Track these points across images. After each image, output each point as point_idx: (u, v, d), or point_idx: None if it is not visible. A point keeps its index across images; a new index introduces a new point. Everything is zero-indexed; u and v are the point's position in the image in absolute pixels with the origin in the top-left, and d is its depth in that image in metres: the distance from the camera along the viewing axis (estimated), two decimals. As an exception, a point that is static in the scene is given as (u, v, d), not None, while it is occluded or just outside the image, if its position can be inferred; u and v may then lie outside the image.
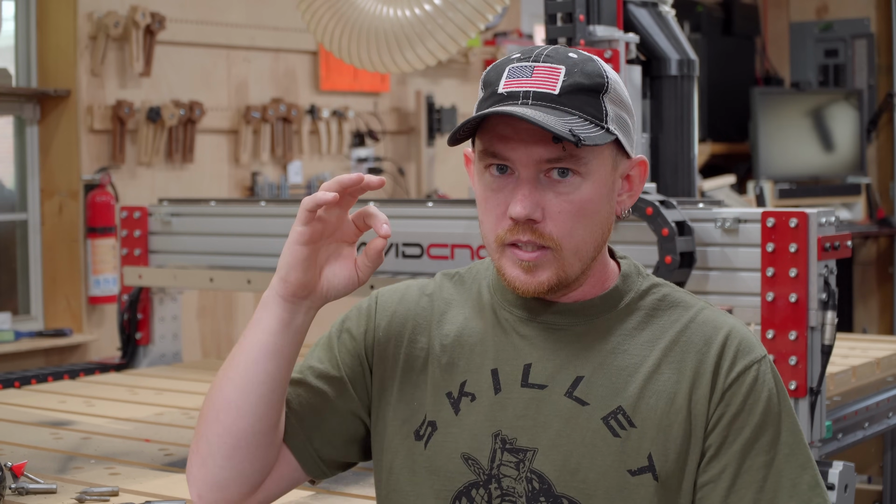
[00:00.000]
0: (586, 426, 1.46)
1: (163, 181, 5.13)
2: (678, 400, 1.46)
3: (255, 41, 5.51)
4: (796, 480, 1.45)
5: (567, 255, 1.47)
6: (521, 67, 1.47)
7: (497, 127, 1.46)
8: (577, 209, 1.46)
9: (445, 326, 1.58)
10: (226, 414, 1.50)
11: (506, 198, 1.47)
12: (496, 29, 6.53)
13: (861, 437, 2.80)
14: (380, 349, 1.60)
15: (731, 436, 1.45)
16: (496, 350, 1.54)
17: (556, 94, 1.44)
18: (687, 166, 3.03)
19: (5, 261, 4.92)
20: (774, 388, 1.48)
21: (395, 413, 1.56)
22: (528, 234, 1.46)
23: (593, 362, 1.50)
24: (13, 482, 2.10)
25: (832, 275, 2.52)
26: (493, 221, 1.49)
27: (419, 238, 3.06)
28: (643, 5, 3.03)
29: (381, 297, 1.64)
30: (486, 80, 1.51)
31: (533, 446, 1.47)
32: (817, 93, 7.29)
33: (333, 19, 3.36)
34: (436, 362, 1.56)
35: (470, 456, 1.50)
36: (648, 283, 1.56)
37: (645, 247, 2.65)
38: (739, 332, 1.51)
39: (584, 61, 1.48)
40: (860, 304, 7.19)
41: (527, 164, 1.45)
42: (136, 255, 3.65)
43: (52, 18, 4.80)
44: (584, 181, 1.46)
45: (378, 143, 6.11)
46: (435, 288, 1.64)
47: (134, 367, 3.67)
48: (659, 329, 1.51)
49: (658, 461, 1.45)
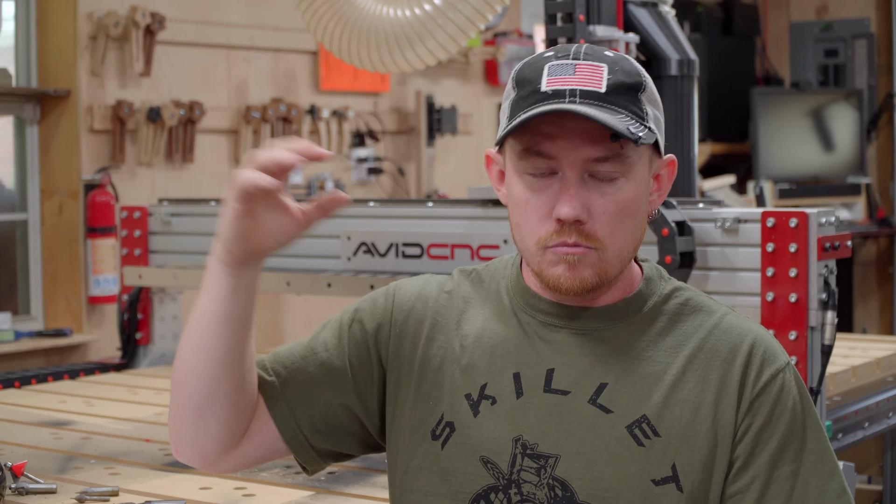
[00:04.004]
0: (610, 434, 1.45)
1: (163, 181, 5.13)
2: (703, 410, 1.45)
3: (255, 41, 5.51)
4: (823, 488, 1.45)
5: (610, 256, 1.45)
6: (561, 65, 1.44)
7: (542, 126, 1.43)
8: (620, 209, 1.44)
9: (465, 326, 1.56)
10: (185, 376, 1.49)
11: (548, 199, 1.44)
12: (496, 29, 6.53)
13: (861, 437, 2.81)
14: (395, 346, 1.57)
15: (759, 446, 1.44)
16: (518, 353, 1.52)
17: (603, 91, 1.42)
18: (687, 166, 3.03)
19: (5, 261, 4.92)
20: (798, 395, 1.47)
21: (413, 412, 1.54)
22: (575, 236, 1.43)
23: (617, 369, 1.48)
24: (13, 482, 2.10)
25: (832, 275, 2.52)
26: (534, 224, 1.46)
27: (419, 238, 3.06)
28: (643, 5, 3.03)
29: (398, 293, 1.61)
30: (520, 78, 1.47)
31: (555, 453, 1.46)
32: (817, 93, 7.29)
33: (333, 19, 3.36)
34: (455, 363, 1.53)
35: (489, 459, 1.48)
36: (671, 287, 1.55)
37: (645, 247, 2.65)
38: (764, 339, 1.49)
39: (622, 59, 1.47)
40: (860, 304, 7.19)
41: (574, 163, 1.42)
42: (136, 255, 3.65)
43: (52, 18, 4.80)
44: (627, 181, 1.44)
45: (378, 143, 6.10)
46: (454, 285, 1.61)
47: (134, 367, 3.67)
48: (682, 335, 1.50)
49: (682, 471, 1.44)
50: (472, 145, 6.56)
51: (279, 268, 3.35)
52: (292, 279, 3.27)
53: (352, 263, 3.19)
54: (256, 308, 1.50)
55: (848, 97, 7.17)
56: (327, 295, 3.27)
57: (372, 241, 3.14)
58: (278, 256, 3.40)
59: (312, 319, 5.41)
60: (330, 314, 1.67)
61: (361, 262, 3.16)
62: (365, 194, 5.98)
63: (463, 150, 6.50)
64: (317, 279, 3.21)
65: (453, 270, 1.65)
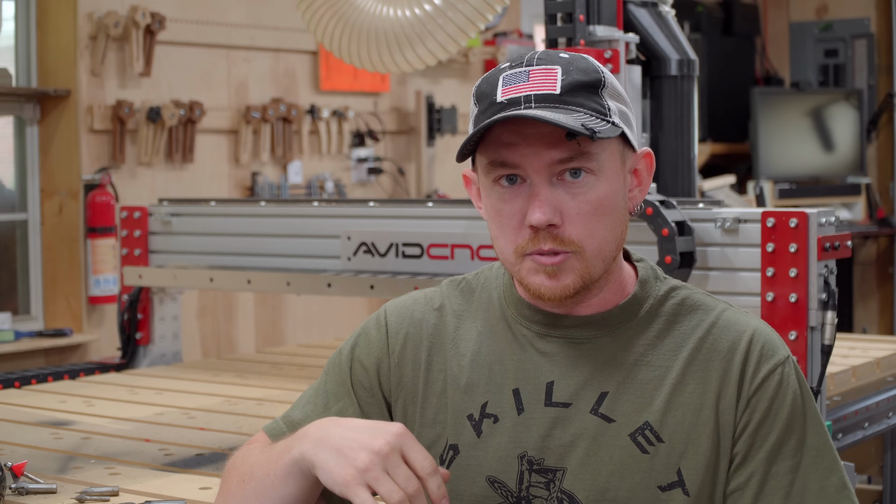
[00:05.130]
0: (614, 444, 1.45)
1: (163, 181, 5.13)
2: (705, 411, 1.44)
3: (255, 41, 5.51)
4: (823, 483, 1.44)
5: (590, 256, 1.44)
6: (515, 74, 1.44)
7: (502, 136, 1.42)
8: (594, 208, 1.43)
9: (461, 345, 1.55)
10: None
11: (520, 207, 1.43)
12: (496, 29, 6.53)
13: (861, 437, 2.80)
14: (397, 376, 1.57)
15: (757, 442, 1.44)
16: (516, 369, 1.51)
17: (557, 93, 1.41)
18: (687, 166, 3.03)
19: (5, 261, 4.92)
20: (799, 390, 1.46)
21: (420, 438, 1.52)
22: (550, 242, 1.42)
23: (617, 377, 1.47)
24: (13, 482, 2.10)
25: (832, 275, 2.52)
26: (510, 233, 1.45)
27: (419, 238, 3.06)
28: (643, 5, 3.03)
29: (389, 319, 1.60)
30: (479, 93, 1.46)
31: (561, 466, 1.45)
32: (817, 93, 7.29)
33: (333, 19, 3.35)
34: (454, 384, 1.53)
35: (496, 479, 1.48)
36: (667, 287, 1.53)
37: (645, 247, 2.65)
38: (762, 333, 1.48)
39: (577, 59, 1.46)
40: (860, 304, 7.19)
41: (538, 168, 1.42)
42: (136, 255, 3.65)
43: (52, 18, 4.80)
44: (597, 179, 1.43)
45: (378, 143, 6.10)
46: (443, 300, 1.60)
47: (134, 367, 3.67)
48: (681, 336, 1.49)
49: (687, 475, 1.43)
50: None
51: (279, 268, 3.35)
52: (292, 279, 3.27)
53: (352, 263, 3.19)
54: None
55: (848, 97, 7.17)
56: (327, 295, 3.27)
57: (372, 241, 3.14)
58: (279, 256, 3.41)
59: (312, 319, 5.42)
60: (330, 314, 1.67)
61: (361, 262, 3.16)
62: (365, 194, 5.98)
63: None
64: (317, 279, 3.21)
65: (442, 282, 1.63)
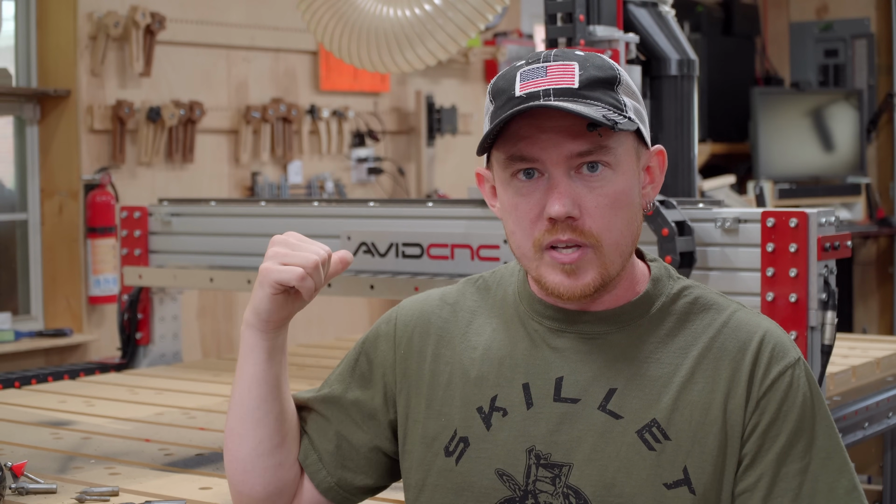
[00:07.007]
0: (621, 440, 1.45)
1: (163, 181, 5.13)
2: (713, 411, 1.44)
3: (255, 41, 5.51)
4: (833, 485, 1.43)
5: (608, 250, 1.45)
6: (533, 69, 1.45)
7: (520, 130, 1.43)
8: (612, 202, 1.44)
9: (472, 338, 1.56)
10: (231, 441, 1.59)
11: (538, 200, 1.44)
12: (496, 29, 6.53)
13: (861, 437, 2.80)
14: (402, 368, 1.59)
15: (766, 444, 1.43)
16: (526, 363, 1.52)
17: (576, 87, 1.42)
18: (687, 166, 3.03)
19: (5, 261, 4.92)
20: (809, 391, 1.46)
21: (425, 430, 1.55)
22: (569, 233, 1.43)
23: (626, 373, 1.48)
24: (13, 482, 2.10)
25: (832, 275, 2.52)
26: (527, 226, 1.46)
27: (419, 238, 3.06)
28: (643, 5, 3.03)
29: (400, 314, 1.64)
30: (496, 90, 1.48)
31: (568, 461, 1.46)
32: (817, 93, 7.29)
33: (333, 19, 3.36)
34: (464, 376, 1.54)
35: (504, 472, 1.48)
36: (679, 286, 1.54)
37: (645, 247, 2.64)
38: (773, 335, 1.48)
39: (593, 57, 1.48)
40: (860, 304, 7.19)
41: (557, 161, 1.42)
42: (136, 255, 3.65)
43: (52, 18, 4.80)
44: (614, 173, 1.44)
45: (378, 143, 6.10)
46: (458, 296, 1.62)
47: (134, 367, 3.66)
48: (692, 335, 1.49)
49: (694, 474, 1.43)
50: (472, 145, 6.52)
51: (279, 268, 3.35)
52: (292, 279, 3.26)
53: (352, 263, 3.19)
54: (287, 367, 1.61)
55: (848, 97, 7.18)
56: (327, 295, 3.26)
57: (372, 241, 3.14)
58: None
59: (312, 319, 5.41)
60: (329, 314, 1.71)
61: (361, 262, 3.16)
62: (365, 194, 5.98)
63: (463, 150, 6.50)
64: (317, 279, 3.20)
65: (460, 280, 1.66)
